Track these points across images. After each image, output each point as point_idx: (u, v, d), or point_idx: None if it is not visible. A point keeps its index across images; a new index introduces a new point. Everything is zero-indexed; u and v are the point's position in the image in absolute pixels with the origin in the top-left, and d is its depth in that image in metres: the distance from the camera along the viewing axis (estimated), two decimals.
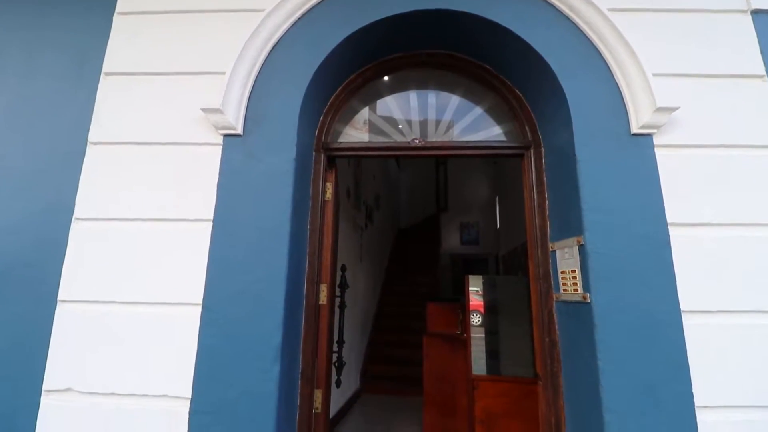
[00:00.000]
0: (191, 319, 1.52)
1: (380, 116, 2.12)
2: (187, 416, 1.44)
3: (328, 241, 2.00)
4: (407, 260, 8.02)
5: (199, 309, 1.52)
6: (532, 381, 3.03)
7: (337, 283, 2.93)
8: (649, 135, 1.66)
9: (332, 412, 3.74)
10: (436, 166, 8.76)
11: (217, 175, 1.67)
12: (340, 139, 2.06)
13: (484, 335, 3.20)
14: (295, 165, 1.66)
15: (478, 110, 2.09)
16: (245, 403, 1.42)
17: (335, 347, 2.79)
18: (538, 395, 1.78)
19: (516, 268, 5.38)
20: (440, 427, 3.35)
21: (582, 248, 1.56)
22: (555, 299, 1.75)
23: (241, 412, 1.42)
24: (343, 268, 2.94)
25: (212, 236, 1.59)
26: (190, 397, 1.45)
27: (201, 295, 1.53)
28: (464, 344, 3.33)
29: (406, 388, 5.11)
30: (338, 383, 2.70)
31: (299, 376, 1.72)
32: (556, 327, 1.75)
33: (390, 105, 2.14)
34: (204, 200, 1.65)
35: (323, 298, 1.92)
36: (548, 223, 1.86)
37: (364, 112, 2.13)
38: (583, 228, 1.56)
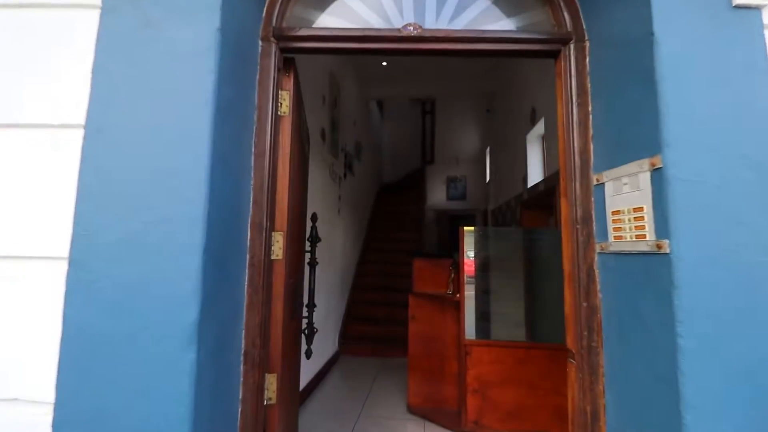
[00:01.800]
0: (52, 280, 0.95)
1: None
2: (50, 430, 0.91)
3: (284, 172, 1.43)
4: (390, 216, 7.54)
5: (65, 265, 0.95)
6: (531, 345, 2.67)
7: (307, 234, 2.40)
8: (758, 8, 1.11)
9: (306, 379, 3.35)
10: (422, 114, 8.06)
11: (92, 56, 1.04)
12: (303, 27, 1.43)
13: (478, 295, 2.78)
14: (220, 41, 1.05)
15: None
16: (141, 409, 0.91)
17: (305, 312, 2.31)
18: (567, 375, 1.34)
19: (507, 224, 4.97)
20: (427, 395, 3.01)
21: (659, 174, 1.05)
22: (600, 250, 1.27)
23: (133, 422, 0.90)
24: (314, 218, 2.39)
25: (84, 152, 0.99)
26: (53, 401, 0.92)
27: (67, 243, 0.96)
28: (455, 306, 2.92)
29: (387, 348, 4.79)
30: (308, 354, 2.25)
31: (241, 359, 1.21)
32: (598, 288, 1.28)
33: None
34: (71, 95, 1.03)
35: (278, 251, 1.38)
36: (591, 146, 1.34)
37: None
38: (661, 143, 1.04)
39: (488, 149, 6.80)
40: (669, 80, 1.05)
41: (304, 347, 2.29)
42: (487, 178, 6.73)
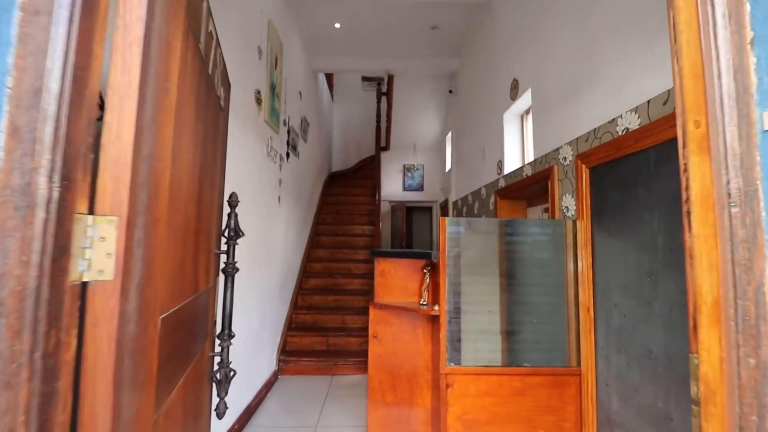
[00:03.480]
0: None
1: None
2: None
3: (130, 80, 0.63)
4: (340, 207, 6.74)
5: None
6: (531, 372, 2.09)
7: (222, 227, 1.57)
8: None
9: (228, 422, 2.51)
10: (377, 96, 7.31)
11: None
12: None
13: (462, 308, 2.14)
14: None
15: None
16: None
17: (219, 344, 1.50)
18: None
19: (476, 216, 4.44)
20: None
21: None
22: None
23: None
24: (233, 201, 1.56)
25: None
26: None
27: None
28: (431, 321, 2.26)
29: (337, 364, 4.05)
30: (220, 412, 1.45)
31: None
32: None
33: None
34: None
35: (103, 261, 0.58)
36: (752, 60, 0.71)
37: None
38: None
39: (450, 135, 6.25)
40: None
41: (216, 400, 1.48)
42: (448, 167, 6.20)
